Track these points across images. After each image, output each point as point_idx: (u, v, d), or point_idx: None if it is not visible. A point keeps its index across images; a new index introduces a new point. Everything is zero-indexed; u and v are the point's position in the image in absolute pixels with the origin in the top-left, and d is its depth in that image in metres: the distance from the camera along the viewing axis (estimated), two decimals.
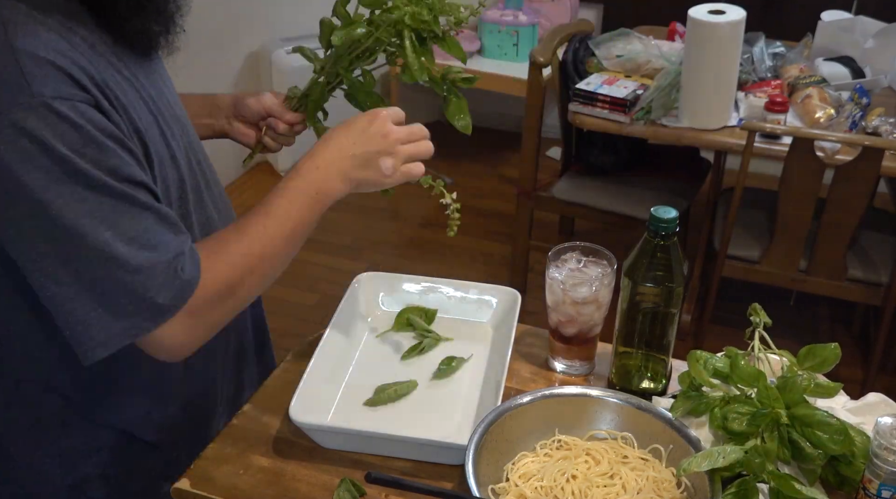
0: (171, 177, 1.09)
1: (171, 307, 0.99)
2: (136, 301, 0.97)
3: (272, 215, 1.07)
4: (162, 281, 0.97)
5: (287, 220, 1.07)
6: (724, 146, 2.59)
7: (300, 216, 1.08)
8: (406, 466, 1.13)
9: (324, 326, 1.29)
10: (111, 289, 0.95)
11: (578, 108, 2.64)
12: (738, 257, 2.63)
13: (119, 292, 0.96)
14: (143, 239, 0.96)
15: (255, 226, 1.07)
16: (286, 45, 3.56)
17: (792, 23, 3.30)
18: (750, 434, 1.05)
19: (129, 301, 0.96)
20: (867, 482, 0.96)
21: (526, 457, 1.10)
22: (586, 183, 2.95)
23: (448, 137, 1.39)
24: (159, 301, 0.97)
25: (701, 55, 2.47)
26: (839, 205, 2.40)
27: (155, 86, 1.10)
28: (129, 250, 0.95)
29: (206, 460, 1.14)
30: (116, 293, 0.96)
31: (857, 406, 1.15)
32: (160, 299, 0.97)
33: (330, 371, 1.25)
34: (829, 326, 3.06)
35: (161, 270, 0.97)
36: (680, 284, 1.15)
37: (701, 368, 1.13)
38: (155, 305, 0.97)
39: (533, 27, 3.78)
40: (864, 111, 2.54)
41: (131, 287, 0.96)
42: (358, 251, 3.36)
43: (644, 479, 1.06)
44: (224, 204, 1.26)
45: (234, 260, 1.05)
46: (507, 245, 3.36)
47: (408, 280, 1.41)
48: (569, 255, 1.27)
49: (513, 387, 1.26)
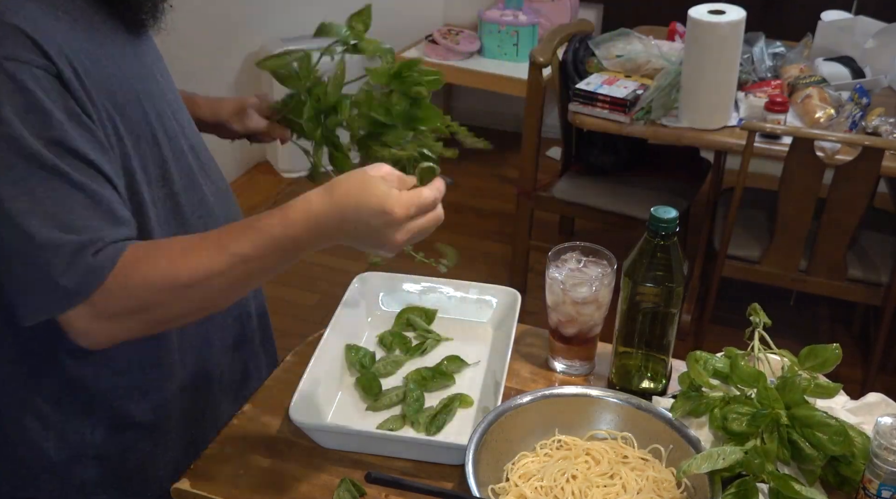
0: (152, 156, 1.07)
1: (75, 293, 0.93)
2: (41, 279, 0.93)
3: (228, 252, 0.96)
4: (67, 263, 0.92)
5: (242, 262, 0.96)
6: (724, 146, 2.59)
7: (262, 265, 0.98)
8: (406, 466, 1.13)
9: (324, 326, 1.29)
10: (21, 263, 0.93)
11: (578, 108, 2.64)
12: (738, 257, 2.63)
13: (27, 268, 0.93)
14: (62, 218, 0.93)
15: (203, 253, 0.97)
16: (286, 45, 3.55)
17: (792, 23, 3.30)
18: (750, 435, 1.05)
19: (35, 278, 0.93)
20: (867, 482, 0.96)
21: (526, 457, 1.10)
22: (586, 183, 2.95)
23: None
24: (63, 283, 0.93)
25: (701, 55, 2.47)
26: (839, 205, 2.40)
27: (143, 65, 1.09)
28: (40, 226, 0.92)
29: (206, 460, 1.14)
30: (25, 268, 0.93)
31: (856, 406, 1.15)
32: (63, 282, 0.93)
33: (330, 371, 1.25)
34: (829, 326, 3.06)
35: (67, 252, 0.92)
36: (680, 284, 1.15)
37: (701, 370, 1.13)
38: (59, 287, 0.93)
39: (533, 27, 3.78)
40: (864, 111, 2.54)
41: (37, 264, 0.93)
42: (358, 251, 3.36)
43: (644, 479, 1.06)
44: (224, 195, 1.24)
45: (155, 280, 0.96)
46: (507, 245, 3.36)
47: (408, 280, 1.41)
48: (569, 255, 1.27)
49: (513, 387, 1.26)
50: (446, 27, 3.98)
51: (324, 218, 0.98)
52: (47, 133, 0.92)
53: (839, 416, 1.09)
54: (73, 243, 0.93)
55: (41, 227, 0.92)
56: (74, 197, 0.94)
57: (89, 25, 1.01)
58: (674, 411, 1.12)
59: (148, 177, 1.07)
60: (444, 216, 1.03)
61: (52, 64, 0.93)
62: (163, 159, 1.09)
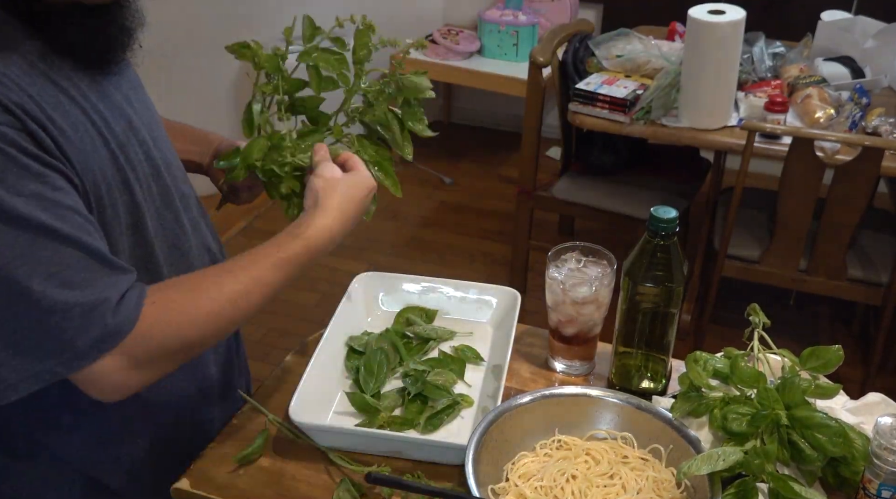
0: (122, 201, 1.02)
1: (90, 352, 0.91)
2: (50, 343, 0.89)
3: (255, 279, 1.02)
4: (80, 324, 0.89)
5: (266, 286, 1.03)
6: (723, 146, 2.59)
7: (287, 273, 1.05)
8: (406, 466, 1.13)
9: (324, 326, 1.29)
10: (23, 328, 0.89)
11: (578, 108, 2.64)
12: (738, 257, 2.63)
13: (31, 333, 0.89)
14: (63, 276, 0.89)
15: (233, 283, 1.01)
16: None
17: (792, 23, 3.30)
18: (750, 435, 1.05)
19: (41, 343, 0.89)
20: (867, 482, 0.96)
21: (526, 457, 1.10)
22: (586, 183, 2.95)
23: (448, 138, 1.39)
24: (77, 344, 0.90)
25: (701, 55, 2.47)
26: (839, 205, 2.40)
27: (111, 105, 1.02)
28: (45, 288, 0.88)
29: (206, 460, 1.14)
30: (28, 334, 0.89)
31: (856, 406, 1.15)
32: (78, 343, 0.90)
33: (330, 371, 1.25)
34: (829, 325, 3.05)
35: (79, 313, 0.89)
36: (680, 284, 1.15)
37: (700, 371, 1.13)
38: (71, 349, 0.90)
39: (533, 27, 3.78)
40: (863, 111, 2.54)
41: (45, 328, 0.89)
42: (358, 251, 3.36)
43: (644, 479, 1.06)
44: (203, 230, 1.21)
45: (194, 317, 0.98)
46: (507, 245, 3.36)
47: (408, 280, 1.41)
48: (569, 255, 1.27)
49: (513, 387, 1.26)
50: (446, 27, 3.98)
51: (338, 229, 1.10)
52: (26, 188, 0.87)
53: (839, 416, 1.09)
54: (85, 303, 0.90)
55: (45, 289, 0.88)
56: (68, 253, 0.90)
57: (49, 68, 0.94)
58: (674, 411, 1.12)
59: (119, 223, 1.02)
60: None
61: (14, 117, 0.88)
62: (133, 204, 1.04)
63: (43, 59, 0.94)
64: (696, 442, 1.08)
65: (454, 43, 3.83)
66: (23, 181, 0.87)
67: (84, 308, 0.90)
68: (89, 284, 0.91)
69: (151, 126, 1.11)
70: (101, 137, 0.99)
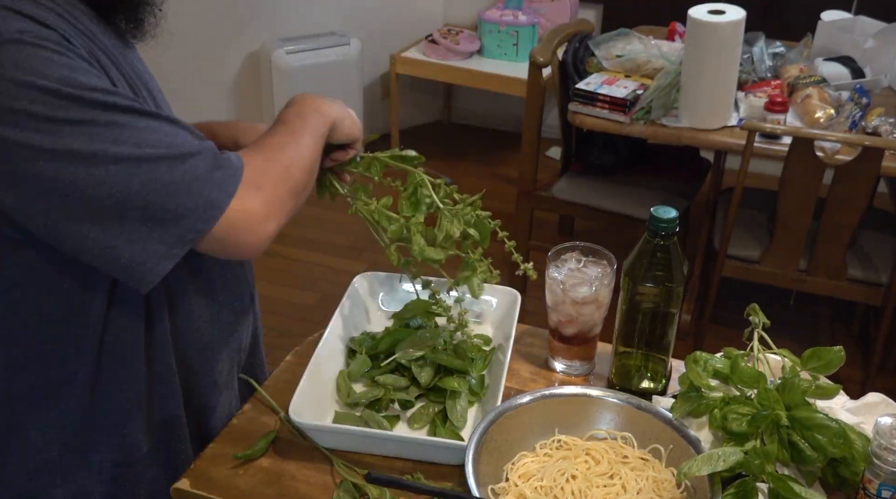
0: None
1: (221, 197, 0.96)
2: (181, 202, 0.93)
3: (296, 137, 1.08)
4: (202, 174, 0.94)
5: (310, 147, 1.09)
6: (723, 146, 2.59)
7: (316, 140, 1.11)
8: (406, 466, 1.13)
9: (324, 326, 1.29)
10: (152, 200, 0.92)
11: (578, 108, 2.64)
12: (738, 257, 2.63)
13: (161, 201, 0.92)
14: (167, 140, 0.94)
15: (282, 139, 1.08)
16: (286, 45, 3.55)
17: (792, 23, 3.30)
18: (750, 435, 1.05)
19: (173, 207, 0.93)
20: (867, 482, 0.96)
21: (526, 457, 1.10)
22: (586, 183, 2.95)
23: (448, 137, 1.39)
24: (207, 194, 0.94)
25: (701, 55, 2.47)
26: (839, 205, 2.40)
27: (136, 73, 1.08)
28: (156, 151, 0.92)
29: (206, 460, 1.14)
30: (159, 202, 0.92)
31: (856, 406, 1.15)
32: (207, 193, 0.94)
33: (330, 371, 1.25)
34: (829, 326, 3.05)
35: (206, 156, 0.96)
36: (680, 284, 1.15)
37: (700, 372, 1.13)
38: (204, 200, 0.94)
39: (533, 27, 3.78)
40: (863, 111, 2.54)
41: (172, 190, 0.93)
42: (358, 251, 3.36)
43: (644, 479, 1.06)
44: None
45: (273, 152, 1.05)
46: None
47: (408, 280, 1.41)
48: (569, 255, 1.27)
49: (513, 387, 1.26)
50: (446, 27, 3.98)
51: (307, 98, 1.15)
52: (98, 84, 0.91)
53: (839, 416, 1.09)
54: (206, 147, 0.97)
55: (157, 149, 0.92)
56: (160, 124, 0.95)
57: (86, 29, 0.99)
58: (674, 411, 1.12)
59: None
60: None
61: (55, 30, 0.91)
62: None
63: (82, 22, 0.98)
64: (696, 442, 1.08)
65: (454, 43, 3.83)
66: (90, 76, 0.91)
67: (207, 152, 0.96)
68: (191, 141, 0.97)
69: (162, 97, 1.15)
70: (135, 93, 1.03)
